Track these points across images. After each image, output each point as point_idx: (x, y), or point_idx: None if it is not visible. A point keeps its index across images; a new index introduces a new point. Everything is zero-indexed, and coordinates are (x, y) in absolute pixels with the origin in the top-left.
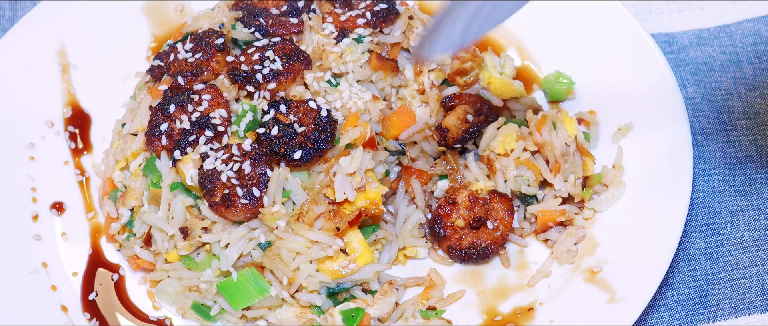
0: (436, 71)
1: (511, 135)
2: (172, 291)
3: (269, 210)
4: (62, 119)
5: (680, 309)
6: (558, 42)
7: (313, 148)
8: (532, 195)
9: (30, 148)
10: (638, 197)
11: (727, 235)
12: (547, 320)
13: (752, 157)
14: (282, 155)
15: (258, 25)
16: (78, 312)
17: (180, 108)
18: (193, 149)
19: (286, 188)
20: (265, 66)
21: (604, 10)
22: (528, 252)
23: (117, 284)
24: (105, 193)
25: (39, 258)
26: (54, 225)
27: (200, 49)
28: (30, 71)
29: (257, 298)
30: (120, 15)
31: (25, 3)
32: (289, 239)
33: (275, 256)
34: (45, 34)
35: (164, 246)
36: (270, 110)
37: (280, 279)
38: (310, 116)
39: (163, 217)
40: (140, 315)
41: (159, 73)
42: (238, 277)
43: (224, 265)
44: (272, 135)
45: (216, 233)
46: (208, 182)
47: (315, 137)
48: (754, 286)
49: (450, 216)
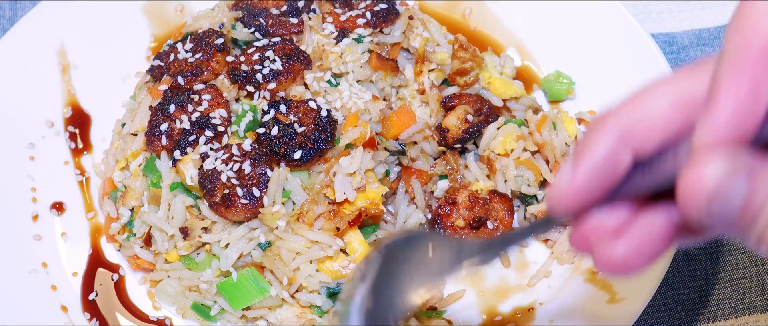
0: (436, 71)
1: (511, 135)
2: (172, 291)
3: (269, 210)
4: (62, 119)
5: (680, 309)
6: (558, 42)
7: (313, 148)
8: (532, 195)
9: (30, 148)
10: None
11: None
12: (547, 320)
13: None
14: (282, 155)
15: (258, 25)
16: (78, 312)
17: (180, 108)
18: (193, 149)
19: (286, 188)
20: (265, 66)
21: (604, 10)
22: (528, 251)
23: (117, 284)
24: (105, 193)
25: (39, 258)
26: (54, 225)
27: (200, 49)
28: (30, 71)
29: (257, 298)
30: (120, 15)
31: (25, 3)
32: (289, 239)
33: (275, 256)
34: (45, 34)
35: (164, 246)
36: (270, 110)
37: (280, 279)
38: (310, 116)
39: (163, 217)
40: (140, 315)
41: (159, 73)
42: (238, 277)
43: (224, 265)
44: (272, 135)
45: (216, 233)
46: (208, 182)
47: (315, 137)
48: (754, 286)
49: (450, 216)
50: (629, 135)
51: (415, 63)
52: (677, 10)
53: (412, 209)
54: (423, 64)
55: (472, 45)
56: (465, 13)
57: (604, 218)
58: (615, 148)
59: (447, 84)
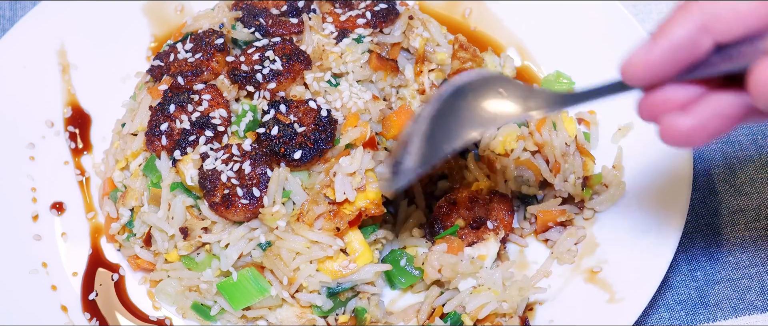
0: (436, 71)
1: (511, 135)
2: (172, 291)
3: (269, 210)
4: (62, 119)
5: (680, 309)
6: (558, 42)
7: (313, 148)
8: (532, 195)
9: (30, 148)
10: (638, 197)
11: (727, 235)
12: (547, 320)
13: (752, 157)
14: (282, 155)
15: (258, 25)
16: (78, 312)
17: (180, 108)
18: (193, 149)
19: (286, 188)
20: (265, 66)
21: (604, 10)
22: (528, 251)
23: (117, 284)
24: (105, 193)
25: (39, 258)
26: (54, 225)
27: (200, 49)
28: (30, 71)
29: (257, 298)
30: (120, 15)
31: (25, 3)
32: (289, 240)
33: (275, 256)
34: (45, 34)
35: (164, 246)
36: (270, 110)
37: (280, 279)
38: (310, 116)
39: (163, 217)
40: (140, 315)
41: (159, 73)
42: (238, 277)
43: (224, 265)
44: (272, 135)
45: (216, 233)
46: (208, 182)
47: (315, 137)
48: (754, 286)
49: (450, 216)
50: (711, 24)
51: (415, 63)
52: None
53: (412, 209)
54: (423, 64)
55: (472, 45)
56: (465, 13)
57: (675, 91)
58: (695, 33)
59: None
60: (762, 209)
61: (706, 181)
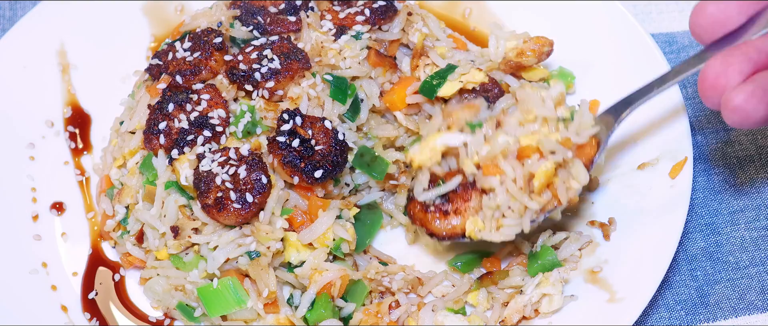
0: (431, 66)
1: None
2: (160, 289)
3: (265, 228)
4: (62, 119)
5: (680, 309)
6: (558, 42)
7: (331, 170)
8: None
9: (30, 148)
10: (638, 197)
11: (727, 235)
12: (547, 320)
13: (752, 157)
14: (301, 170)
15: (256, 23)
16: (78, 312)
17: (179, 107)
18: (190, 148)
19: (286, 207)
20: (263, 65)
21: (604, 10)
22: None
23: (117, 284)
24: (102, 190)
25: (39, 258)
26: (54, 225)
27: (199, 47)
28: (30, 71)
29: (234, 308)
30: (120, 15)
31: (25, 3)
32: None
33: (262, 269)
34: (45, 34)
35: (155, 243)
36: (289, 120)
37: (261, 291)
38: (326, 135)
39: (155, 214)
40: (140, 314)
41: (157, 71)
42: (219, 284)
43: (210, 267)
44: (294, 147)
45: (206, 234)
46: (202, 183)
47: (334, 159)
48: (754, 286)
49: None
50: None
51: (412, 57)
52: (677, 10)
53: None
54: (420, 58)
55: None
56: (465, 13)
57: (734, 74)
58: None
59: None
60: (762, 209)
61: (706, 181)
